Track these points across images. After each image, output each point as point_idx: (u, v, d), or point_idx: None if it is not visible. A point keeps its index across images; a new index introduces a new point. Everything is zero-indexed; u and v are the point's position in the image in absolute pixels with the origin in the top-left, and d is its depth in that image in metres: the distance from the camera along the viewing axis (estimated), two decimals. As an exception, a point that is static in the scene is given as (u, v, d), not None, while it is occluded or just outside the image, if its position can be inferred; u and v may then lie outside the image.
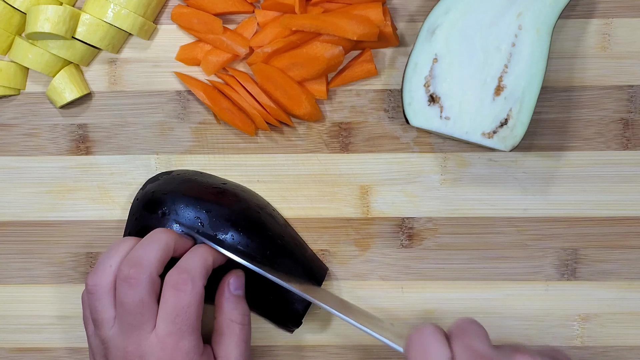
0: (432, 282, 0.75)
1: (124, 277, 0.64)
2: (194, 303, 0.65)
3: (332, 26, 0.69)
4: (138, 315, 0.64)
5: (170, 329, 0.64)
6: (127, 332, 0.65)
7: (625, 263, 0.75)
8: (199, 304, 0.65)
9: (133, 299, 0.64)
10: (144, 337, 0.64)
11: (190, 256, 0.67)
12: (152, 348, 0.64)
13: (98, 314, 0.66)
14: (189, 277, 0.65)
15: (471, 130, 0.69)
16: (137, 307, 0.64)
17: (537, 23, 0.68)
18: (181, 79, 0.73)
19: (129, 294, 0.64)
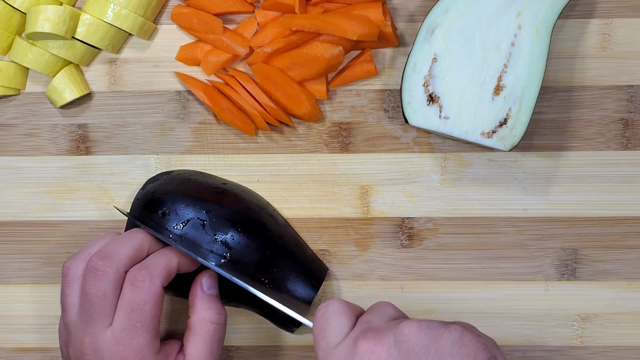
0: (432, 282, 0.75)
1: (92, 268, 0.65)
2: (149, 301, 0.65)
3: (332, 26, 0.69)
4: (98, 307, 0.65)
5: (124, 325, 0.65)
6: (86, 323, 0.66)
7: (625, 263, 0.75)
8: (155, 303, 0.65)
9: (96, 291, 0.65)
10: (101, 330, 0.65)
11: (155, 255, 0.67)
12: (106, 343, 0.65)
13: (65, 297, 0.67)
14: (147, 274, 0.65)
15: (470, 130, 0.69)
16: (99, 300, 0.65)
17: (536, 22, 0.68)
18: (181, 79, 0.73)
19: (94, 285, 0.65)
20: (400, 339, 0.57)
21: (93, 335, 0.65)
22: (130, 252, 0.67)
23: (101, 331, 0.65)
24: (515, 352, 0.75)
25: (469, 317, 0.75)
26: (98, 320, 0.65)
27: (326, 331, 0.61)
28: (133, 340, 0.65)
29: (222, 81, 0.74)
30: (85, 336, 0.66)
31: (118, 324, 0.65)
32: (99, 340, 0.65)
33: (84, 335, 0.66)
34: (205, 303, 0.68)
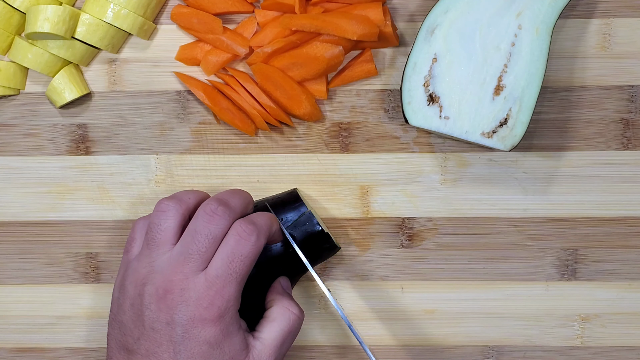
0: (432, 282, 0.75)
1: (210, 211, 0.65)
2: (251, 255, 0.65)
3: (332, 26, 0.69)
4: (202, 249, 0.65)
5: (222, 272, 0.64)
6: (182, 261, 0.65)
7: (625, 263, 0.75)
8: (254, 259, 0.65)
9: (208, 232, 0.65)
10: (194, 272, 0.64)
11: (260, 215, 0.67)
12: (197, 284, 0.64)
13: (160, 232, 0.66)
14: (255, 230, 0.65)
15: (470, 130, 0.69)
16: (206, 241, 0.65)
17: (536, 22, 0.68)
18: (181, 79, 0.73)
19: (207, 227, 0.65)
20: None
21: (185, 274, 0.64)
22: (242, 205, 0.67)
23: (194, 272, 0.64)
24: (515, 352, 0.75)
25: (469, 317, 0.75)
26: (195, 261, 0.64)
27: None
28: (225, 289, 0.64)
29: (222, 81, 0.74)
30: (175, 274, 0.64)
31: (215, 269, 0.64)
32: (189, 281, 0.64)
33: (174, 273, 0.64)
34: (288, 297, 0.69)
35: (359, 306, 0.76)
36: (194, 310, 0.63)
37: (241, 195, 0.68)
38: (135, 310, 0.65)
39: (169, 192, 0.75)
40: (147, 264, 0.66)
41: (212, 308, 0.64)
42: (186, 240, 0.65)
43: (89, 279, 0.76)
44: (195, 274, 0.64)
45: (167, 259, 0.65)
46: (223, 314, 0.64)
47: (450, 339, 0.76)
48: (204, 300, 0.64)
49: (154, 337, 0.64)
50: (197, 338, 0.64)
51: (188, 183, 0.75)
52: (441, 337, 0.75)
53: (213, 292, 0.64)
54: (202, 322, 0.64)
